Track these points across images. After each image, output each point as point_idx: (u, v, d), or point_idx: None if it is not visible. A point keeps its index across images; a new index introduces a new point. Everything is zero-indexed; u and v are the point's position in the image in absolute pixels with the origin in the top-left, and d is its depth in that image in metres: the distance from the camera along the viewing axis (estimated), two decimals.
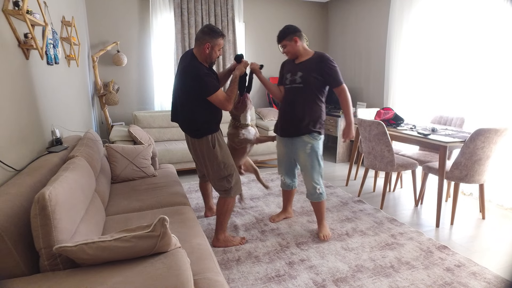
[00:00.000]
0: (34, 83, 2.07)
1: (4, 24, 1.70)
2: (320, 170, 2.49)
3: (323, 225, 2.62)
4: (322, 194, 2.52)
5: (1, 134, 1.56)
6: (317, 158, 2.45)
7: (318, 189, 2.50)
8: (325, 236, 2.56)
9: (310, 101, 2.40)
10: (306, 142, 2.43)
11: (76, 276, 1.13)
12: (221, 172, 2.32)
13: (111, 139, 3.82)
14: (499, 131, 2.55)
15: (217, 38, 2.18)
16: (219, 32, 2.20)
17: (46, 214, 1.18)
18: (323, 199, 2.53)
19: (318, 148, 2.45)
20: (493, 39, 3.18)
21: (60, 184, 1.33)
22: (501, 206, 3.19)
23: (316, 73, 2.35)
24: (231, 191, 2.36)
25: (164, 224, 1.20)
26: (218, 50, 2.23)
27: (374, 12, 4.70)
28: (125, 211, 2.19)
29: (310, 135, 2.42)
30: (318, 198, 2.52)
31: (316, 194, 2.51)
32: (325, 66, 2.34)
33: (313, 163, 2.45)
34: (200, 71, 2.15)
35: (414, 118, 4.03)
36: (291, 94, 2.46)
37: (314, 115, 2.42)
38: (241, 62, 2.36)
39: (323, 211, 2.59)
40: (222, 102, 2.19)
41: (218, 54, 2.25)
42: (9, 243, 1.14)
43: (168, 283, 1.10)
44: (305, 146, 2.43)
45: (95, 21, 4.41)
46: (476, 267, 2.19)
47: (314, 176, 2.48)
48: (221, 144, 2.33)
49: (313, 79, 2.36)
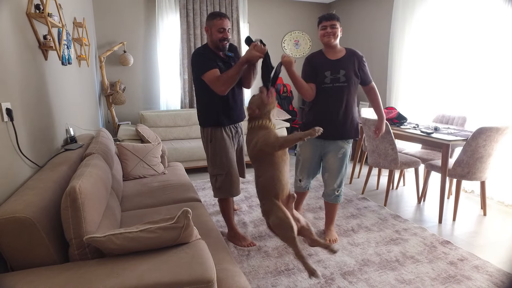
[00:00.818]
0: (51, 83, 2.14)
1: (28, 27, 1.78)
2: (345, 174, 2.46)
3: (331, 229, 2.59)
4: (340, 196, 2.49)
5: (26, 132, 1.63)
6: (346, 163, 2.42)
7: (338, 191, 2.46)
8: (331, 240, 2.52)
9: (352, 102, 2.33)
10: (340, 147, 2.36)
11: (106, 264, 1.20)
12: (212, 169, 2.36)
13: (119, 138, 3.89)
14: (501, 129, 2.62)
15: (213, 19, 2.19)
16: (216, 13, 2.20)
17: (76, 206, 1.25)
18: (340, 201, 2.51)
19: (349, 153, 2.42)
20: (494, 39, 3.26)
21: (87, 178, 1.40)
22: (502, 203, 3.27)
23: (356, 70, 2.30)
24: (219, 191, 2.36)
25: (188, 216, 1.27)
26: (219, 32, 2.17)
27: (377, 13, 4.78)
28: (139, 207, 2.26)
29: (346, 141, 2.36)
30: (335, 200, 2.49)
31: (334, 195, 2.47)
32: (361, 62, 2.32)
33: (341, 168, 2.40)
34: (197, 51, 2.20)
35: (417, 117, 4.11)
36: (333, 94, 2.28)
37: (354, 118, 2.36)
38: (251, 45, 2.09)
39: (335, 214, 2.57)
40: (214, 82, 2.09)
41: (220, 36, 2.18)
42: (42, 233, 1.21)
43: (193, 271, 1.18)
44: (338, 151, 2.36)
45: (102, 21, 4.48)
46: (478, 261, 2.27)
47: (338, 180, 2.43)
48: (220, 140, 2.30)
49: (355, 77, 2.30)
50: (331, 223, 2.60)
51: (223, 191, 2.37)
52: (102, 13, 4.47)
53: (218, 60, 2.23)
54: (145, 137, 3.64)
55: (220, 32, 2.18)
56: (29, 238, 1.20)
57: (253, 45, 2.07)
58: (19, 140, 1.51)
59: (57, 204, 1.38)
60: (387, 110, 3.54)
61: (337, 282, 2.05)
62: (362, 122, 3.29)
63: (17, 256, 1.21)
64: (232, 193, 2.38)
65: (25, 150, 1.59)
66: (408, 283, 2.03)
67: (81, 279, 1.11)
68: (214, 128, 2.31)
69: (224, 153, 2.32)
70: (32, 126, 1.72)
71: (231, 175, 2.34)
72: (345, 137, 2.35)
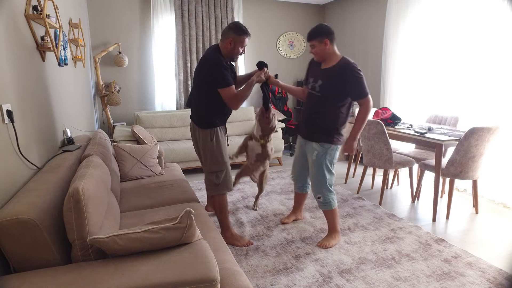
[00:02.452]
0: (49, 84, 2.14)
1: (26, 28, 1.77)
2: (324, 181, 2.39)
3: (330, 235, 2.52)
4: (326, 204, 2.43)
5: (25, 133, 1.63)
6: (322, 168, 2.38)
7: (319, 197, 2.43)
8: (323, 245, 2.46)
9: (324, 110, 2.34)
10: (313, 149, 2.39)
11: (110, 265, 1.21)
12: (212, 166, 2.42)
13: (115, 139, 3.88)
14: (492, 129, 2.69)
15: (241, 35, 2.25)
16: (244, 30, 2.27)
17: (80, 208, 1.26)
18: (328, 208, 2.44)
19: (325, 158, 2.37)
20: (485, 41, 3.33)
21: (89, 180, 1.41)
22: (493, 201, 3.34)
23: (337, 83, 2.26)
24: (219, 187, 2.44)
25: (190, 216, 1.29)
26: (241, 48, 2.30)
27: (370, 14, 4.84)
28: (137, 208, 2.26)
29: (319, 143, 2.37)
30: (321, 206, 2.46)
31: (318, 201, 2.45)
32: (348, 76, 2.22)
33: (317, 172, 2.39)
34: (219, 61, 2.23)
35: (411, 118, 4.17)
36: (309, 100, 2.43)
37: (326, 125, 2.35)
38: (262, 70, 2.38)
39: (332, 221, 2.49)
40: (231, 99, 2.25)
41: (240, 52, 2.31)
42: (45, 234, 1.21)
43: (197, 270, 1.19)
44: (312, 153, 2.40)
45: (96, 22, 4.46)
46: (472, 258, 2.32)
47: (316, 184, 2.43)
48: (219, 139, 2.40)
49: (332, 90, 2.28)
50: (331, 230, 2.53)
51: (222, 187, 2.45)
52: (96, 14, 4.44)
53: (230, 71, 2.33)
54: (141, 138, 3.64)
55: (242, 48, 2.32)
56: (32, 240, 1.20)
57: (264, 70, 2.39)
58: (19, 142, 1.51)
59: (59, 206, 1.38)
60: (382, 110, 3.59)
61: (334, 280, 2.08)
62: None
63: (20, 258, 1.21)
64: (229, 187, 2.49)
65: (25, 151, 1.59)
66: (404, 281, 2.07)
67: (86, 280, 1.12)
68: (214, 129, 2.39)
69: (223, 150, 2.44)
70: (30, 128, 1.72)
71: (228, 171, 2.48)
72: (314, 139, 2.40)
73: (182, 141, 4.40)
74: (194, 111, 2.45)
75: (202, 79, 2.31)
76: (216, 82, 2.22)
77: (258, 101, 5.62)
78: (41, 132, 1.89)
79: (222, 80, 2.21)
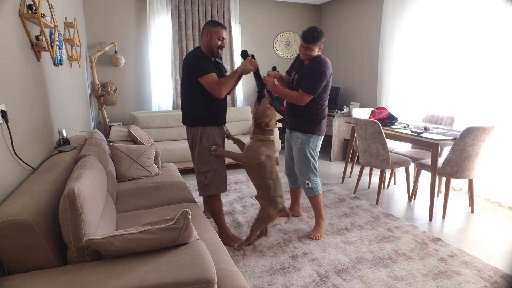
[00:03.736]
0: (44, 84, 2.12)
1: (20, 27, 1.76)
2: (309, 165, 2.56)
3: (318, 224, 2.65)
4: (313, 189, 2.60)
5: (19, 134, 1.61)
6: (306, 154, 2.55)
7: (307, 183, 2.59)
8: (314, 237, 2.58)
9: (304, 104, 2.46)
10: (298, 138, 2.57)
11: (106, 266, 1.21)
12: (201, 166, 2.41)
13: (111, 139, 3.86)
14: (487, 129, 2.71)
15: (215, 26, 2.30)
16: (219, 22, 2.33)
17: (75, 209, 1.25)
18: (314, 194, 2.61)
19: (309, 146, 2.54)
20: (481, 42, 3.35)
21: (85, 180, 1.39)
22: (488, 200, 3.37)
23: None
24: (207, 188, 2.42)
25: (187, 216, 1.28)
26: (218, 39, 2.31)
27: (367, 14, 4.85)
28: (134, 209, 2.25)
29: (301, 133, 2.55)
30: (309, 193, 2.62)
31: (306, 188, 2.61)
32: (310, 70, 2.41)
33: (302, 158, 2.56)
34: (196, 54, 2.27)
35: (407, 117, 4.19)
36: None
37: (306, 115, 2.52)
38: (247, 58, 2.35)
39: (317, 207, 2.64)
40: (213, 85, 2.22)
41: (218, 43, 2.31)
42: (41, 236, 1.20)
43: (194, 271, 1.19)
44: (297, 141, 2.58)
45: (92, 21, 4.43)
46: (467, 257, 2.34)
47: (302, 170, 2.59)
48: (209, 140, 2.38)
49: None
50: (317, 218, 2.67)
51: (214, 188, 2.43)
52: (92, 13, 4.42)
53: (212, 64, 2.34)
54: (138, 138, 3.62)
55: (219, 40, 2.32)
56: (27, 241, 1.19)
57: (249, 59, 2.32)
58: (14, 142, 1.50)
59: (54, 207, 1.37)
60: (378, 110, 3.60)
61: (331, 279, 2.08)
62: (354, 122, 3.34)
63: (15, 260, 1.20)
64: (220, 189, 2.45)
65: (19, 152, 1.58)
66: (401, 280, 2.08)
67: (82, 281, 1.11)
68: (204, 128, 2.38)
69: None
70: (25, 128, 1.70)
71: (221, 171, 2.43)
72: (297, 129, 2.57)
73: (179, 141, 4.38)
74: (182, 109, 2.48)
75: (184, 77, 2.35)
76: (195, 72, 2.23)
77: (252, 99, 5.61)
78: (36, 132, 1.87)
79: (200, 69, 2.23)
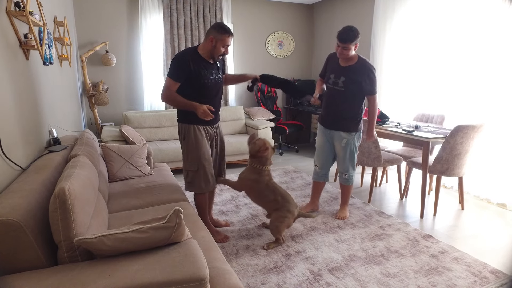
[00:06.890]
0: (33, 83, 2.09)
1: (8, 25, 1.73)
2: (353, 159, 2.83)
3: (344, 208, 2.99)
4: (348, 180, 2.89)
5: (8, 133, 1.59)
6: (351, 150, 2.80)
7: (345, 175, 2.88)
8: (341, 217, 2.92)
9: (349, 103, 2.69)
10: (342, 137, 2.76)
11: (97, 266, 1.19)
12: (185, 164, 2.44)
13: (103, 139, 3.82)
14: (476, 127, 2.75)
15: (222, 33, 2.22)
16: (227, 29, 2.24)
17: (66, 208, 1.23)
18: (349, 184, 2.91)
19: (352, 143, 2.78)
20: (471, 41, 3.40)
21: (76, 180, 1.38)
22: (478, 197, 3.42)
23: (358, 80, 2.59)
24: (190, 185, 2.45)
25: (179, 215, 1.28)
26: (223, 47, 2.26)
27: (358, 14, 4.89)
28: (125, 209, 2.23)
29: (346, 132, 2.74)
30: (344, 182, 2.91)
31: (343, 178, 2.90)
32: (367, 75, 2.59)
33: (346, 155, 2.81)
34: (179, 55, 2.28)
35: (398, 116, 4.23)
36: (332, 94, 2.74)
37: (351, 115, 2.72)
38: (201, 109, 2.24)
39: (347, 194, 2.97)
40: (165, 89, 2.27)
41: (222, 51, 2.27)
42: (30, 237, 1.18)
43: (186, 269, 1.18)
44: (341, 140, 2.77)
45: (83, 21, 4.38)
46: (458, 253, 2.37)
47: (345, 164, 2.85)
48: (191, 138, 2.36)
49: (353, 86, 2.62)
50: (344, 202, 3.00)
51: (193, 186, 2.44)
52: (83, 12, 4.37)
53: (204, 64, 2.30)
54: (130, 138, 3.60)
55: (224, 48, 2.28)
56: (17, 242, 1.17)
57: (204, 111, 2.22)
58: (2, 142, 1.47)
59: (44, 207, 1.35)
60: None
61: (325, 277, 2.10)
62: None
63: (4, 261, 1.18)
64: (202, 188, 2.44)
65: (8, 152, 1.55)
66: (393, 277, 2.10)
67: (72, 281, 1.10)
68: (188, 126, 2.38)
69: (196, 150, 2.38)
70: (14, 128, 1.68)
71: (202, 172, 2.40)
72: (341, 129, 2.75)
73: (171, 141, 4.36)
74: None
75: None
76: (169, 70, 2.26)
77: (248, 101, 5.62)
78: (25, 132, 1.84)
79: (170, 70, 2.25)
